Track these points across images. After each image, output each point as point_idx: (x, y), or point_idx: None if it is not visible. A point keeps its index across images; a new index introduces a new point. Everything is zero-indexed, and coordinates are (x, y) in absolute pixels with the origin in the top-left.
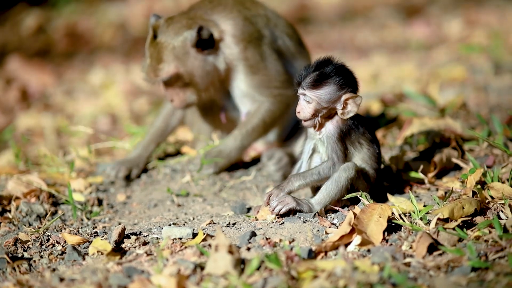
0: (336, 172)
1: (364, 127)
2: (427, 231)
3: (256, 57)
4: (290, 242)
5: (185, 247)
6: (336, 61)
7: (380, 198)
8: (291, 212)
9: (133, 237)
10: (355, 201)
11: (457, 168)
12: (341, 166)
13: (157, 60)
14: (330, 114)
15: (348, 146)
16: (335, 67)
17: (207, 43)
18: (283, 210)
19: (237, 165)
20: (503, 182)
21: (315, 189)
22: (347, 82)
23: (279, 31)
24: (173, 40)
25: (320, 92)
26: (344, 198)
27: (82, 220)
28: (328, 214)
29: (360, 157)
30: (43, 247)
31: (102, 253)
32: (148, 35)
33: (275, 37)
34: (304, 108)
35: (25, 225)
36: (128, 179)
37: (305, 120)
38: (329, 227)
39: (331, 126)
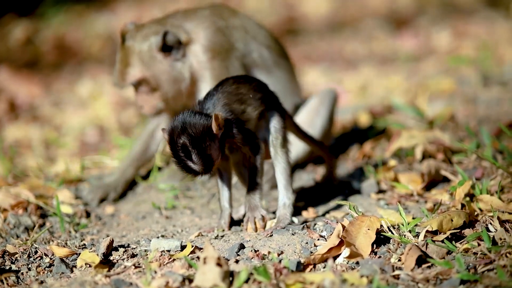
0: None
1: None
2: (416, 244)
3: (223, 69)
4: (278, 255)
5: (174, 260)
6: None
7: (368, 210)
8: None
9: (121, 249)
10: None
11: (446, 180)
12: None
13: (124, 65)
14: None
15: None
16: (182, 142)
17: (174, 49)
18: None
19: None
20: (492, 195)
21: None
22: (196, 131)
23: (257, 43)
24: (140, 44)
25: (202, 160)
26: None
27: (70, 232)
28: (317, 226)
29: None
30: (31, 259)
31: (90, 266)
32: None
33: (250, 50)
34: None
35: (12, 237)
36: (103, 201)
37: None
38: (318, 239)
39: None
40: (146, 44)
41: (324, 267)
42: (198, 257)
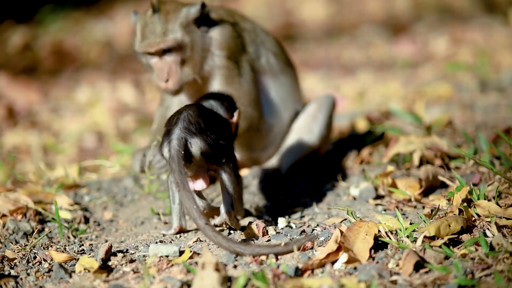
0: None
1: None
2: (414, 249)
3: (234, 70)
4: (276, 260)
5: (172, 265)
6: None
7: (366, 215)
8: None
9: (120, 255)
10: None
11: (444, 186)
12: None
13: (161, 28)
14: None
15: None
16: None
17: (204, 22)
18: None
19: None
20: (489, 200)
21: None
22: None
23: (265, 48)
24: (177, 12)
25: None
26: None
27: (68, 237)
28: (315, 231)
29: None
30: (30, 264)
31: (89, 271)
32: (147, 11)
33: (259, 54)
34: None
35: (11, 243)
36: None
37: None
38: (316, 245)
39: None
40: (184, 12)
41: (322, 273)
42: (196, 263)
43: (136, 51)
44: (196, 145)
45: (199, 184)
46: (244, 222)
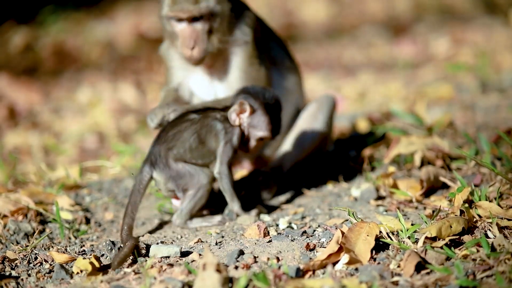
0: None
1: None
2: (415, 250)
3: (256, 52)
4: (278, 261)
5: (173, 266)
6: None
7: (368, 216)
8: None
9: None
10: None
11: (445, 186)
12: None
13: None
14: None
15: None
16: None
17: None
18: None
19: None
20: (490, 201)
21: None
22: None
23: (274, 42)
24: None
25: None
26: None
27: (69, 238)
28: (316, 232)
29: None
30: (31, 265)
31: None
32: None
33: (271, 46)
34: None
35: (12, 244)
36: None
37: None
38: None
39: None
40: None
41: (323, 273)
42: (196, 263)
43: (163, 16)
44: (159, 178)
45: (175, 202)
46: (245, 221)
